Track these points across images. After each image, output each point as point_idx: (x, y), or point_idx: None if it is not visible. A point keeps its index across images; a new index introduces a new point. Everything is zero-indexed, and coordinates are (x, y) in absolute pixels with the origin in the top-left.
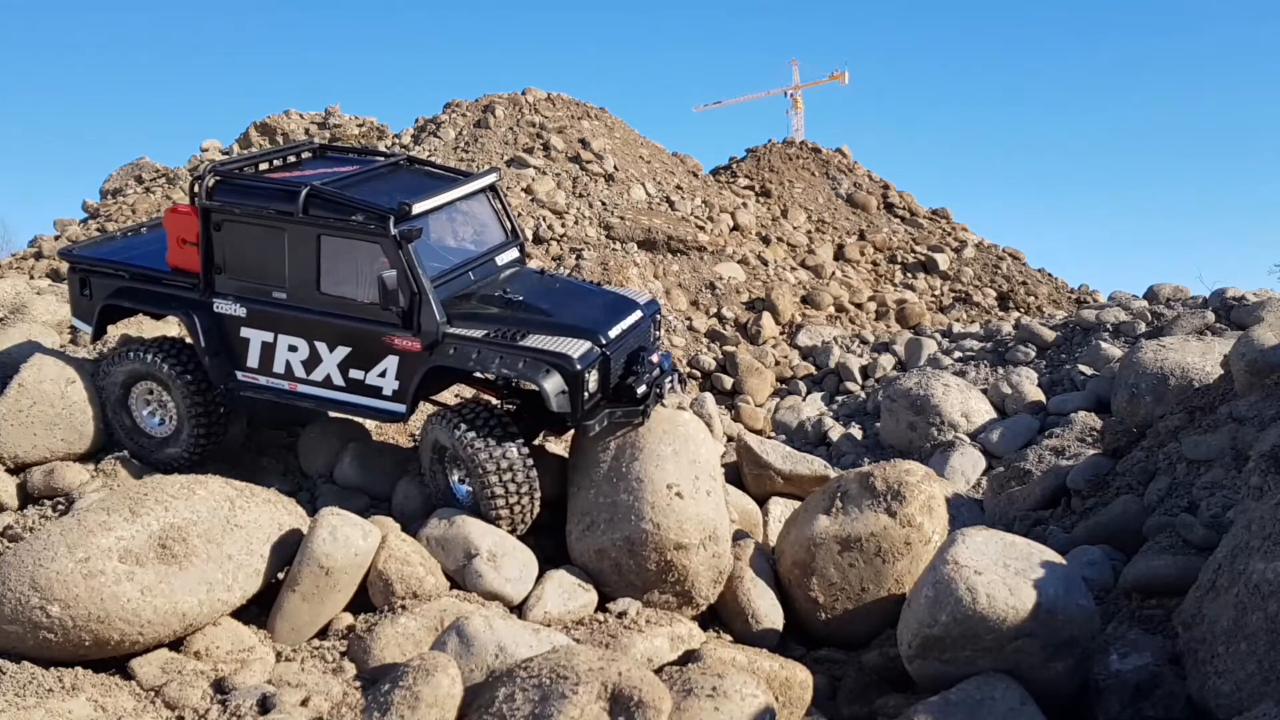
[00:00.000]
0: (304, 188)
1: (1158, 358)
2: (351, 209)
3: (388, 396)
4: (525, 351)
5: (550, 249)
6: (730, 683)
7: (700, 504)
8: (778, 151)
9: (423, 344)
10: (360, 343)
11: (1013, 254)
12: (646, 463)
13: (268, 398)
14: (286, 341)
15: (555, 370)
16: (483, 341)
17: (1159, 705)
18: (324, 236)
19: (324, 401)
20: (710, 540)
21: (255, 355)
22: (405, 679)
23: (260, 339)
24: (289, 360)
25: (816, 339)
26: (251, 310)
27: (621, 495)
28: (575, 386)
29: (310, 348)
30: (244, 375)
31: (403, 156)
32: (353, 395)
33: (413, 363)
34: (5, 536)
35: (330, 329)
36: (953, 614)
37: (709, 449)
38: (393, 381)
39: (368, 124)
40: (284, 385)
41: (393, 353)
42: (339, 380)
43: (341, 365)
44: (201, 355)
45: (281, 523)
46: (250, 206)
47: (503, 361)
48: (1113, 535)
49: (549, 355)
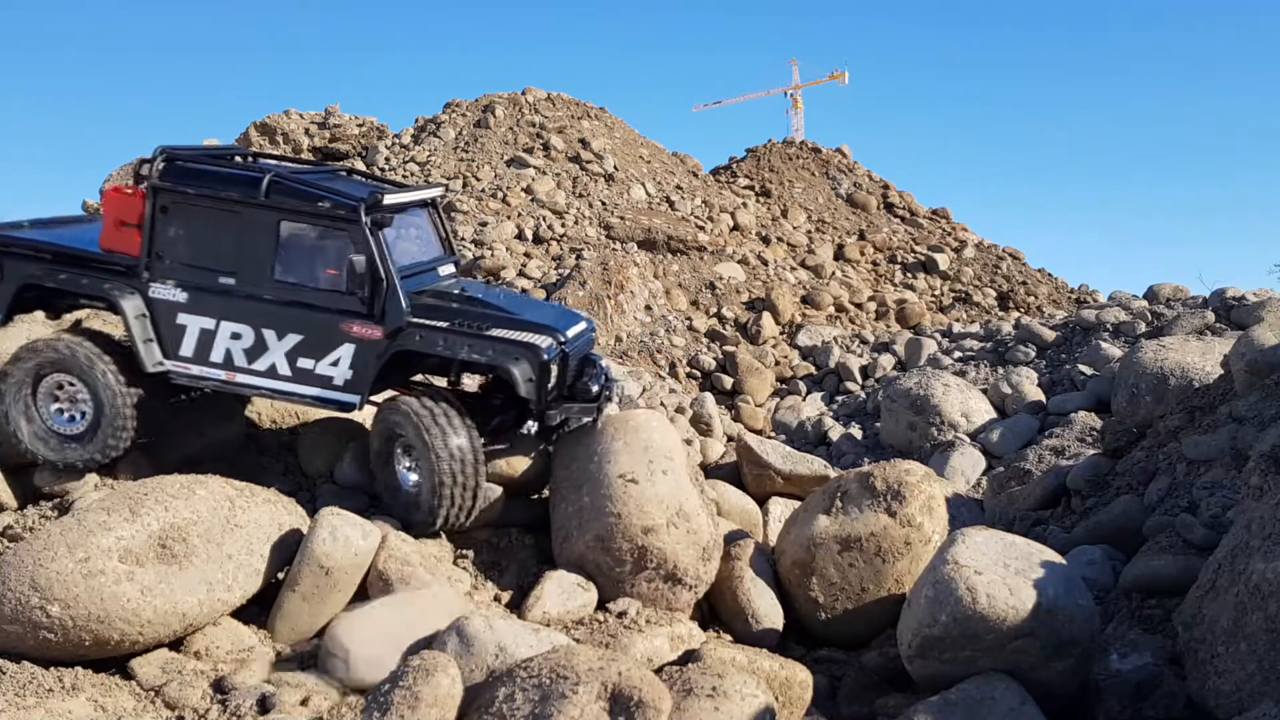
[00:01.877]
0: (266, 174)
1: (1158, 358)
2: (318, 196)
3: (338, 386)
4: (493, 339)
5: (550, 249)
6: (730, 683)
7: (657, 485)
8: (778, 151)
9: (385, 332)
10: (313, 331)
11: (1013, 254)
12: (601, 461)
13: (201, 388)
14: (230, 329)
15: (524, 358)
16: (448, 330)
17: (1159, 705)
18: (285, 222)
19: (264, 391)
20: (679, 517)
21: (191, 343)
22: (405, 679)
23: (199, 326)
24: (230, 349)
25: (816, 339)
26: (193, 296)
27: (585, 498)
28: (542, 375)
29: (256, 335)
30: (175, 364)
31: (343, 168)
32: (299, 385)
33: (371, 350)
34: (5, 536)
35: (281, 317)
36: (953, 614)
37: (661, 434)
38: (345, 371)
39: (368, 124)
40: (221, 375)
41: (349, 341)
42: (285, 370)
43: (290, 353)
44: (133, 342)
45: (281, 523)
46: (204, 189)
47: (471, 348)
48: (1113, 535)
49: (518, 344)
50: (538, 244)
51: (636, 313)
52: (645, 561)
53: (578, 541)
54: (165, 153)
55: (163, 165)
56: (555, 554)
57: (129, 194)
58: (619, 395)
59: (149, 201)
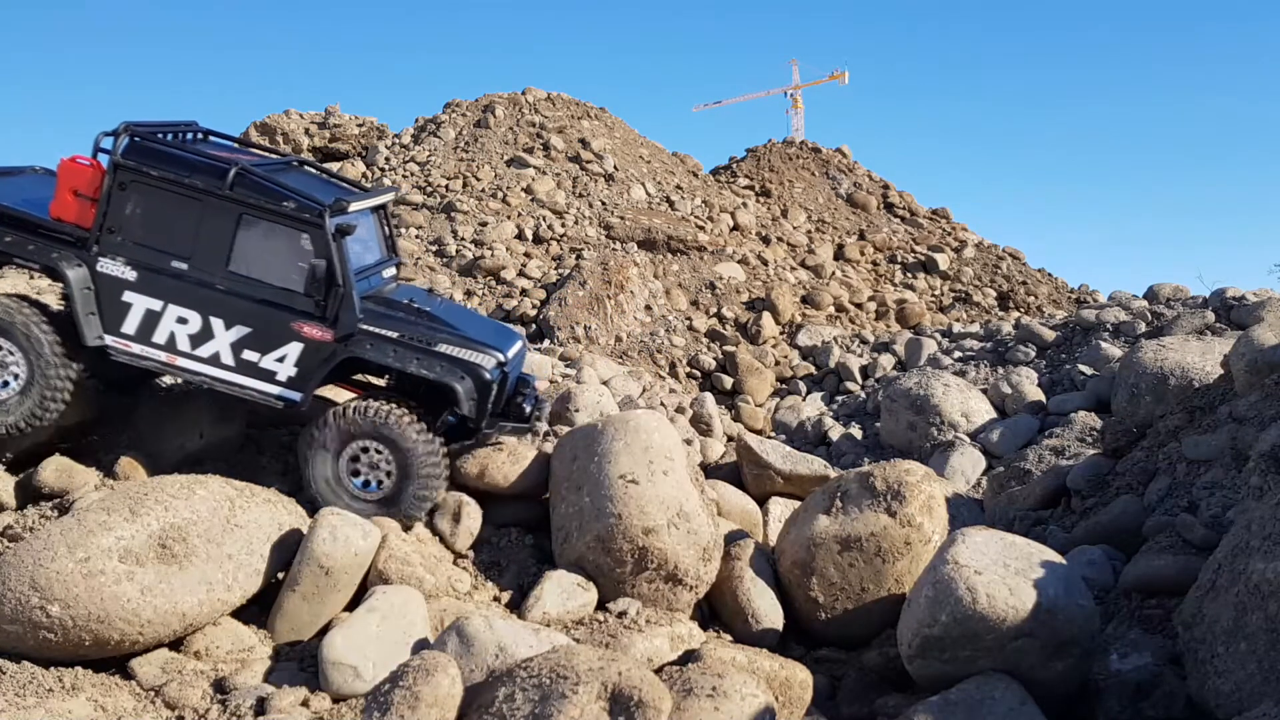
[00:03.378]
0: (233, 165)
1: (1158, 358)
2: (284, 195)
3: (282, 382)
4: (441, 356)
5: (550, 249)
6: (730, 683)
7: (658, 486)
8: (778, 151)
9: (336, 336)
10: (262, 325)
11: (1013, 254)
12: (601, 461)
13: (141, 367)
14: (176, 312)
15: (469, 376)
16: (398, 342)
17: (1159, 705)
18: (246, 216)
19: (204, 378)
20: (679, 518)
21: (135, 321)
22: (405, 679)
23: (145, 305)
24: (174, 332)
25: (816, 339)
26: (143, 275)
27: (585, 499)
28: (484, 394)
29: (203, 322)
30: (116, 340)
31: (294, 157)
32: (241, 376)
33: (320, 352)
34: (5, 536)
35: (231, 307)
36: (953, 614)
37: (661, 434)
38: (290, 368)
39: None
40: (161, 356)
41: (298, 340)
42: (229, 359)
43: (235, 344)
44: (75, 313)
45: (281, 523)
46: (168, 172)
47: (421, 362)
48: (1113, 535)
49: (463, 363)
50: (538, 244)
51: (636, 313)
52: (646, 562)
53: (578, 542)
54: (130, 129)
55: (127, 142)
56: (555, 554)
57: (86, 166)
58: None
59: (108, 176)
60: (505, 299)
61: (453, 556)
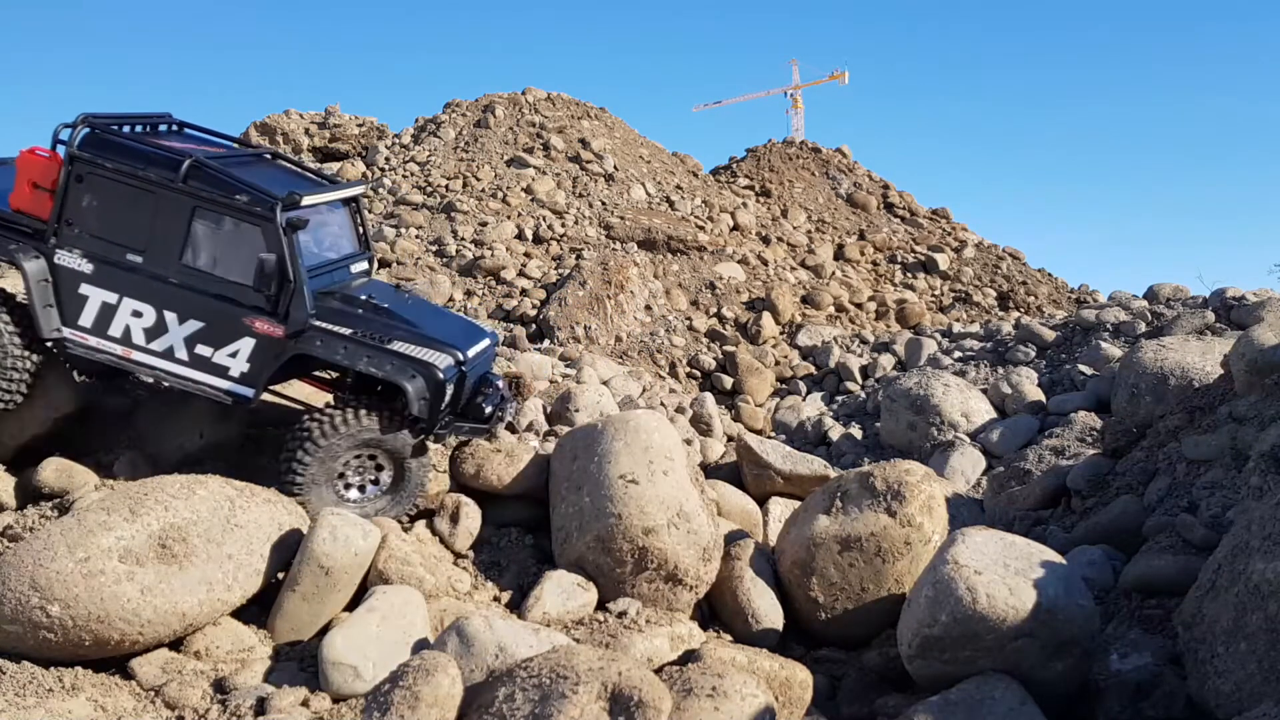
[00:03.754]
0: (187, 158)
1: (1158, 358)
2: (236, 188)
3: (234, 377)
4: (392, 354)
5: (550, 249)
6: (730, 683)
7: (658, 486)
8: (778, 151)
9: (287, 332)
10: (215, 320)
11: (1013, 254)
12: (601, 461)
13: (97, 360)
14: (131, 306)
15: (420, 375)
16: (350, 339)
17: (1159, 705)
18: (199, 209)
19: (159, 372)
20: (679, 518)
21: (91, 314)
22: (405, 679)
23: (101, 298)
24: (129, 325)
25: (816, 339)
26: (99, 268)
27: (585, 499)
28: (437, 394)
29: (157, 316)
30: (73, 332)
31: (268, 150)
32: (194, 370)
33: (271, 348)
34: (5, 536)
35: (184, 301)
36: (953, 614)
37: (661, 434)
38: (243, 363)
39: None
40: (116, 349)
41: (250, 335)
42: (182, 354)
43: (189, 339)
44: (31, 304)
45: (281, 523)
46: (123, 164)
47: (370, 360)
48: (1113, 535)
49: (415, 361)
50: (538, 244)
51: (636, 313)
52: (646, 562)
53: (578, 542)
54: (88, 120)
55: (84, 134)
56: (555, 554)
57: (45, 158)
58: (513, 416)
59: (65, 168)
60: (505, 299)
61: (453, 556)
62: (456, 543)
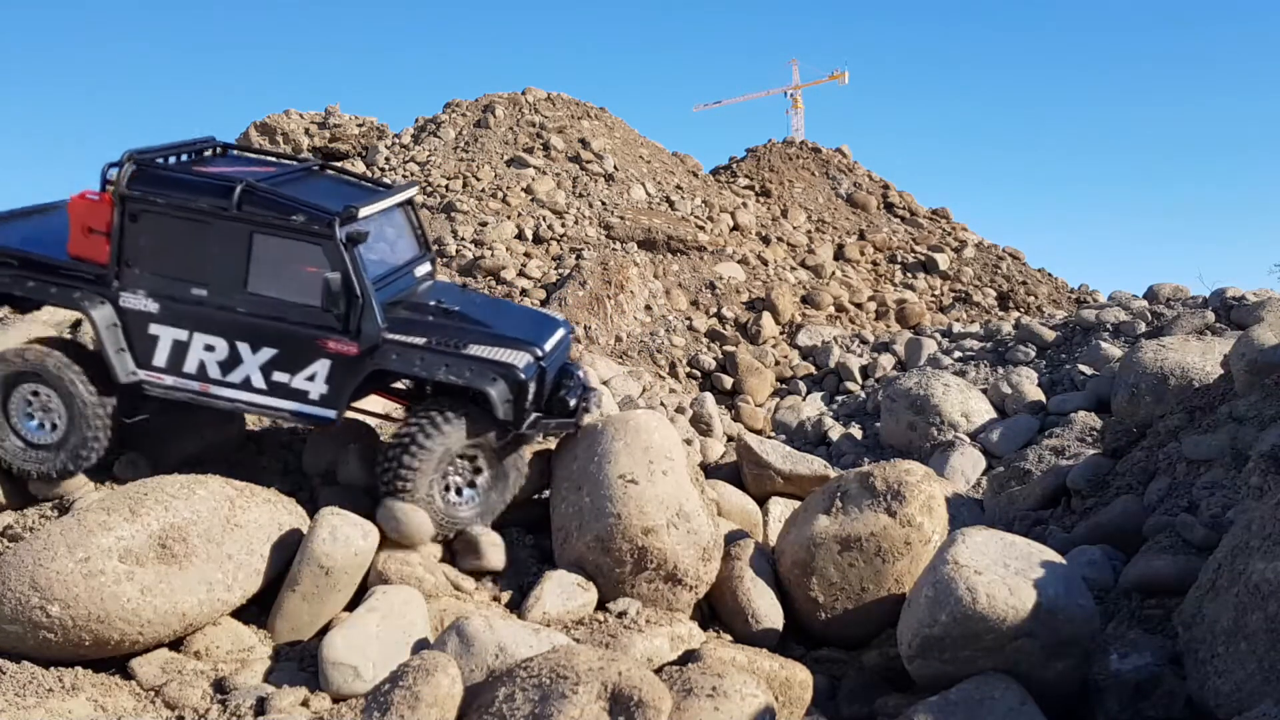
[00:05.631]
0: (239, 183)
1: (1158, 358)
2: (292, 209)
3: (314, 400)
4: (470, 359)
5: (550, 249)
6: (730, 683)
7: (658, 486)
8: (778, 151)
9: (361, 348)
10: (288, 344)
11: (1013, 254)
12: (601, 462)
13: (175, 398)
14: (203, 340)
15: (501, 378)
16: (425, 348)
17: (1159, 705)
18: (256, 235)
19: (241, 404)
20: (679, 518)
21: (164, 354)
22: (405, 679)
23: (172, 336)
24: (204, 360)
25: (816, 339)
26: (165, 306)
27: (585, 499)
28: (519, 394)
29: (230, 348)
30: (149, 374)
31: (315, 162)
32: (275, 398)
33: (348, 367)
34: (5, 536)
35: (255, 330)
36: (953, 614)
37: (661, 434)
38: (322, 385)
39: (368, 124)
40: (194, 386)
41: (325, 356)
42: (260, 383)
43: (264, 367)
44: (104, 352)
45: (281, 523)
46: (175, 198)
47: (449, 368)
48: (1113, 535)
49: (494, 364)
50: (538, 244)
51: (636, 313)
52: (645, 562)
53: (578, 542)
54: (133, 158)
55: (131, 172)
56: (555, 554)
57: (95, 201)
58: (597, 405)
59: (117, 209)
60: (505, 299)
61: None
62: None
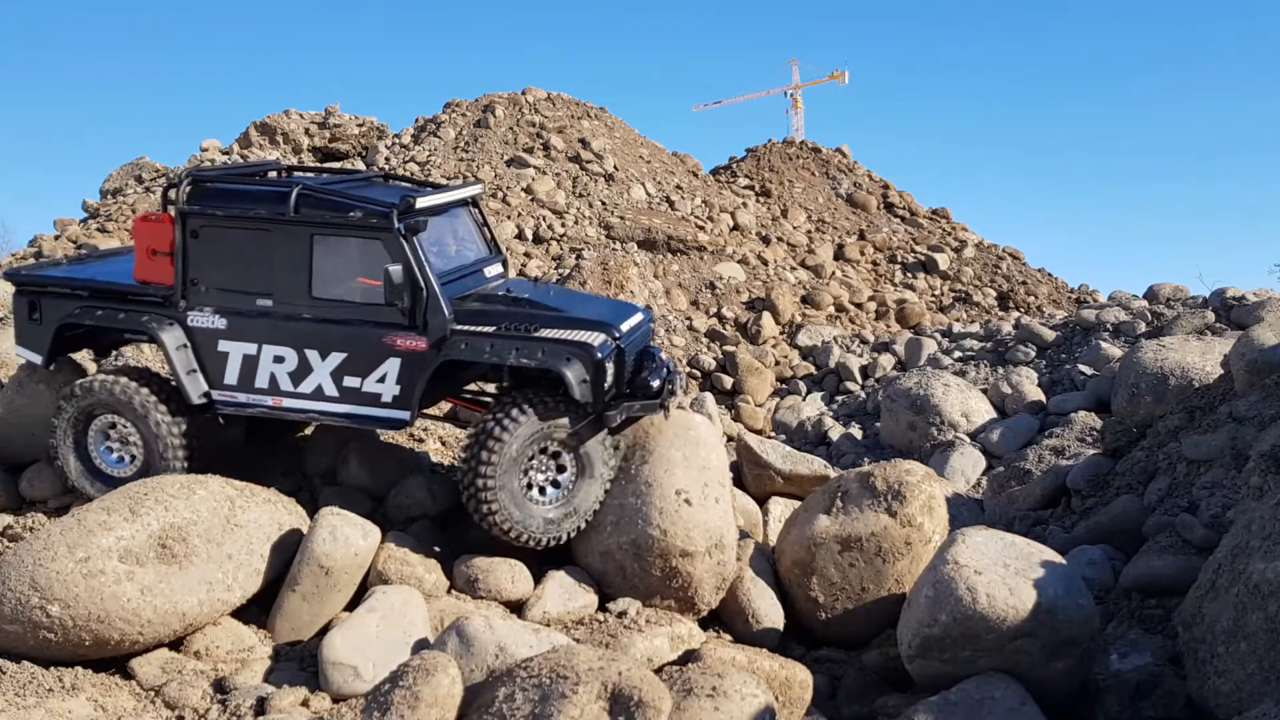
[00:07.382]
0: (294, 187)
1: (1158, 358)
2: (348, 206)
3: (387, 403)
4: (543, 341)
5: (550, 249)
6: (730, 683)
7: (709, 512)
8: (778, 151)
9: (429, 341)
10: (357, 347)
11: (1013, 254)
12: (656, 467)
13: (250, 415)
14: (272, 353)
15: (576, 359)
16: (495, 335)
17: (1159, 705)
18: (317, 236)
19: (314, 415)
20: (716, 548)
21: (235, 371)
22: (405, 679)
23: (241, 352)
24: (274, 373)
25: (816, 339)
26: (233, 321)
27: (629, 498)
28: (598, 375)
29: (299, 357)
30: (221, 394)
31: (379, 174)
32: (348, 405)
33: (417, 364)
34: (5, 536)
35: (323, 335)
36: (953, 614)
37: (719, 455)
38: (393, 386)
39: (368, 124)
40: (267, 401)
41: (395, 355)
42: (332, 390)
43: (335, 373)
44: (176, 374)
45: (281, 523)
46: (233, 210)
47: (520, 351)
48: (1113, 535)
49: (569, 344)
50: (538, 244)
51: None
52: (671, 581)
53: (609, 538)
54: (191, 176)
55: (189, 189)
56: (577, 538)
57: (157, 221)
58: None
59: (178, 228)
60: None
61: None
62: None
